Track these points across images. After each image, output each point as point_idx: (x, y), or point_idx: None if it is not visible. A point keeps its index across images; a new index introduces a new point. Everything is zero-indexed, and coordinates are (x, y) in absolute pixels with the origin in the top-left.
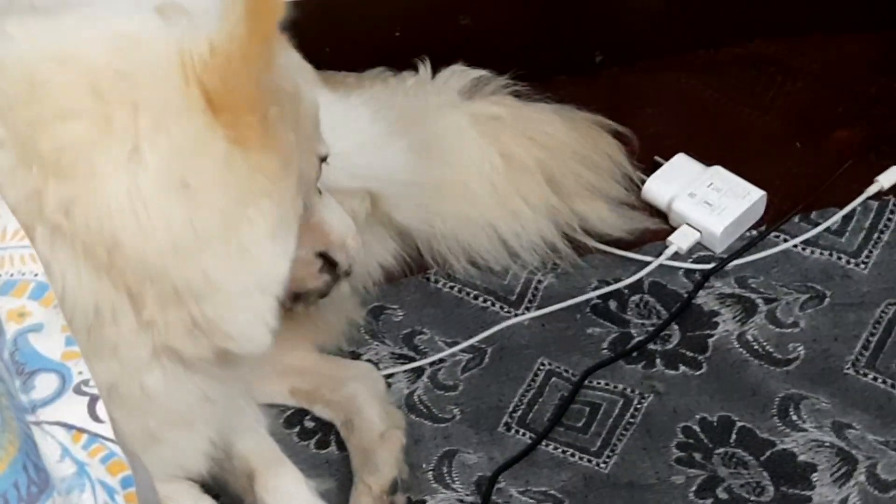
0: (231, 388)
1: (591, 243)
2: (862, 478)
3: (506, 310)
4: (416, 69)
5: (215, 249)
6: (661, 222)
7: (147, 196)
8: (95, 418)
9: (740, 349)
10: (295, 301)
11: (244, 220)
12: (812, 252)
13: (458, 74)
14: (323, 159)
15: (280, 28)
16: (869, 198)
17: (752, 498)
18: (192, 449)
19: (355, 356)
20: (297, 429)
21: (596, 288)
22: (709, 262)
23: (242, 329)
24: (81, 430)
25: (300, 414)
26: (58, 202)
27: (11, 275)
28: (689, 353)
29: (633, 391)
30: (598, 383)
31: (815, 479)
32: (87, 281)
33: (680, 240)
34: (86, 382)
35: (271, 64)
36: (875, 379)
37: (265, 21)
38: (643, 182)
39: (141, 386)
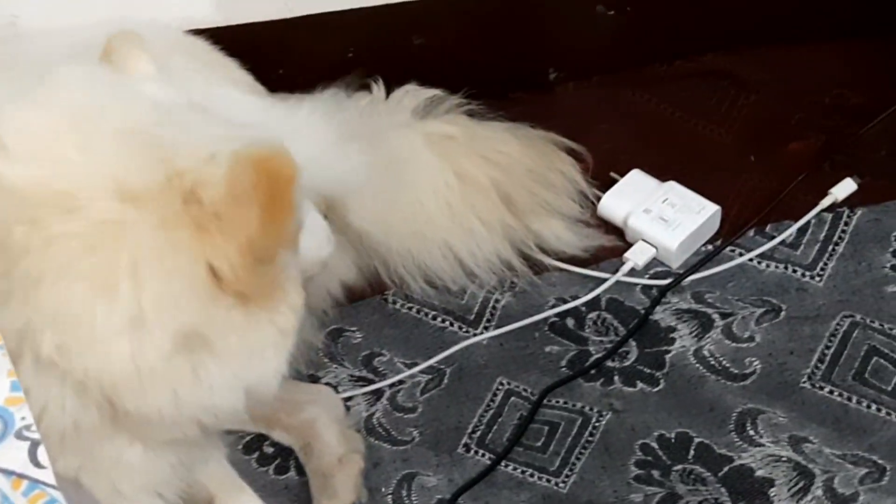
0: (202, 448)
1: (548, 261)
2: (819, 492)
3: (464, 329)
4: (369, 90)
5: (217, 394)
6: (617, 239)
7: (151, 362)
8: (36, 464)
9: (697, 365)
10: None
11: (251, 370)
12: (767, 266)
13: (412, 94)
14: None
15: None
16: (823, 210)
17: None
18: None
19: (314, 379)
20: (255, 454)
21: (553, 306)
22: (665, 278)
23: (230, 423)
24: (21, 476)
25: (259, 439)
26: (54, 346)
27: None
28: (647, 370)
29: (591, 409)
30: (557, 402)
31: (772, 494)
32: (72, 407)
33: (636, 256)
34: (28, 427)
35: (280, 253)
36: (831, 392)
37: (278, 224)
38: (598, 199)
39: (118, 460)
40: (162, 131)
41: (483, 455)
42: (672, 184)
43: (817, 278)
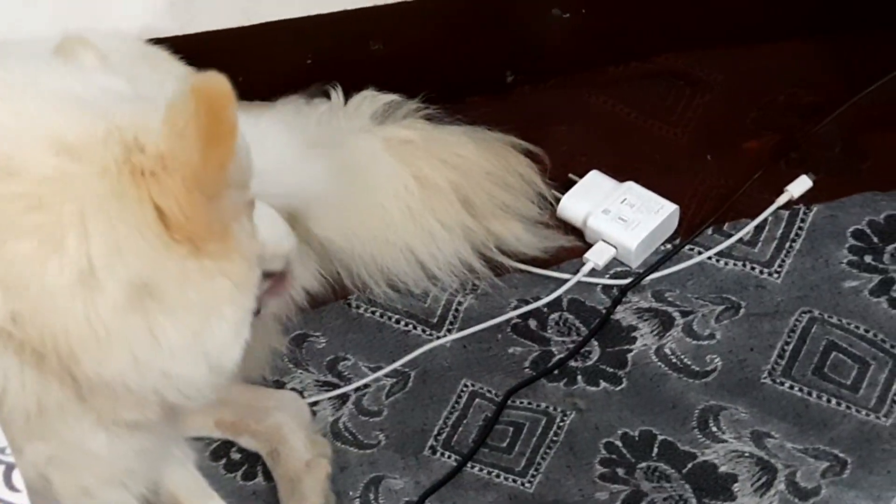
0: (167, 438)
1: (508, 263)
2: (782, 486)
3: (427, 332)
4: (328, 96)
5: (177, 355)
6: (577, 239)
7: (105, 318)
8: (11, 487)
9: (659, 363)
10: None
11: (208, 327)
12: (726, 263)
13: (370, 100)
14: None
15: (236, 146)
16: (780, 207)
17: None
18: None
19: (279, 385)
20: (223, 461)
21: (515, 307)
22: (625, 278)
23: (195, 400)
24: None
25: (226, 446)
26: (8, 314)
27: None
28: (609, 369)
29: (555, 409)
30: (521, 403)
31: (736, 490)
32: (33, 383)
33: (596, 256)
34: (2, 450)
35: (226, 183)
36: (791, 387)
37: (220, 150)
38: (558, 200)
39: (83, 450)
40: (101, 98)
41: (449, 457)
42: (630, 184)
43: (775, 275)
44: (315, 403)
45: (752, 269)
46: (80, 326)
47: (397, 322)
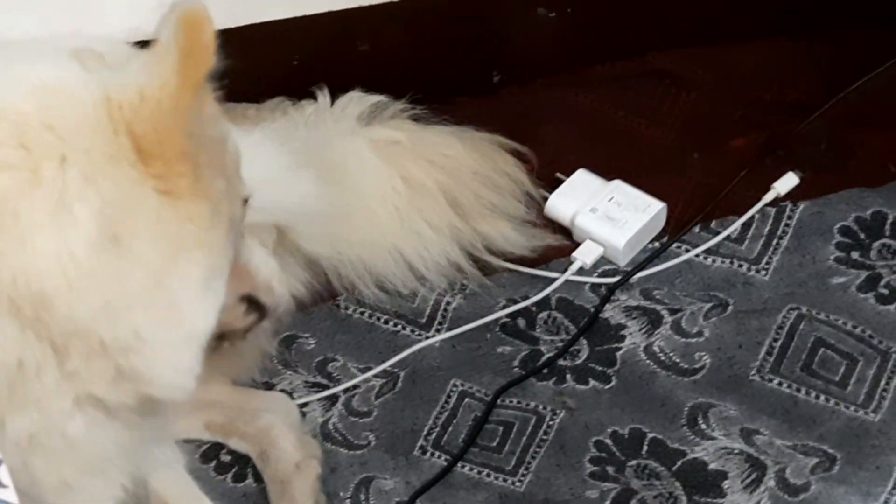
0: (148, 434)
1: (497, 262)
2: (772, 483)
3: (416, 333)
4: (315, 97)
5: (146, 305)
6: (565, 238)
7: (77, 253)
8: None
9: (648, 361)
10: (219, 340)
11: (175, 273)
12: (714, 261)
13: (357, 101)
14: (245, 201)
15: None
16: (766, 205)
17: None
18: (105, 496)
19: (269, 386)
20: (213, 463)
21: (504, 307)
22: (613, 276)
23: (168, 378)
24: None
25: (216, 448)
26: None
27: None
28: (599, 368)
29: (545, 408)
30: (511, 402)
31: (726, 487)
32: (12, 336)
33: (584, 255)
34: None
35: (201, 112)
36: (780, 384)
37: (196, 70)
38: (545, 199)
39: (62, 434)
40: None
41: (439, 456)
42: (617, 182)
43: (763, 272)
44: (305, 404)
45: (740, 266)
46: (51, 263)
47: (386, 322)
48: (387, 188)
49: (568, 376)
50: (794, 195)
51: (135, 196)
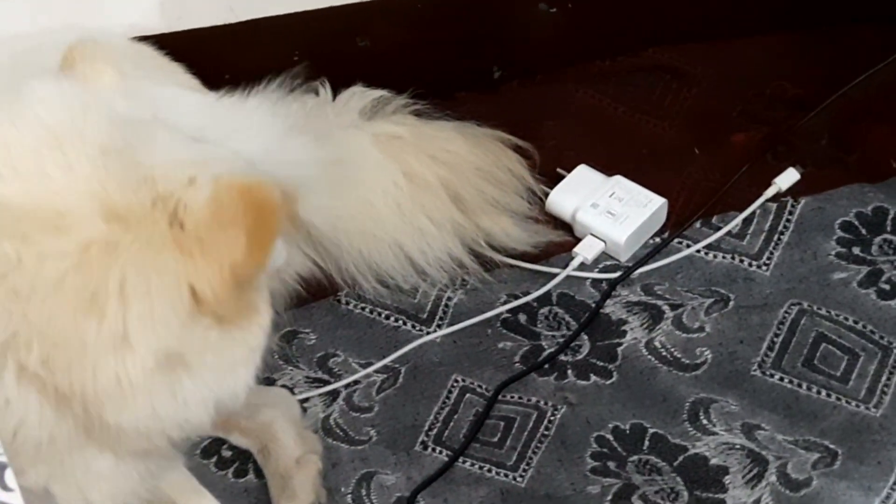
0: (172, 456)
1: (498, 258)
2: (773, 478)
3: (417, 328)
4: (316, 92)
5: (191, 409)
6: (566, 234)
7: (133, 378)
8: (4, 487)
9: (649, 356)
10: None
11: (224, 386)
12: (715, 256)
13: (358, 95)
14: None
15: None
16: (767, 200)
17: (667, 503)
18: None
19: (270, 382)
20: (214, 458)
21: (505, 302)
22: (614, 271)
23: (197, 433)
24: None
25: (217, 443)
26: (40, 360)
27: None
28: (600, 363)
29: (546, 403)
30: (512, 397)
31: (727, 482)
32: (50, 420)
33: (585, 250)
34: None
35: (261, 278)
36: (781, 379)
37: (264, 249)
38: (546, 195)
39: (88, 468)
40: (137, 150)
41: (440, 452)
42: (618, 178)
43: (764, 267)
44: (305, 400)
45: (741, 261)
46: (108, 381)
47: (387, 318)
48: (388, 183)
49: (569, 372)
50: (795, 190)
51: (189, 334)
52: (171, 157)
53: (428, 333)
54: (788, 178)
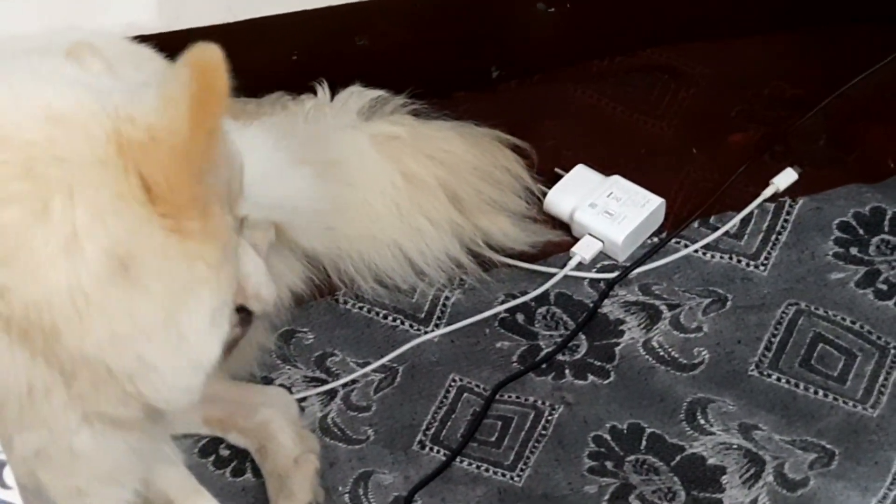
0: (155, 437)
1: (496, 257)
2: (770, 478)
3: (415, 328)
4: (314, 92)
5: (154, 337)
6: (564, 234)
7: (86, 287)
8: (2, 485)
9: (647, 356)
10: None
11: (184, 309)
12: (712, 256)
13: (357, 95)
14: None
15: (223, 116)
16: (765, 200)
17: (665, 503)
18: (118, 501)
19: (268, 381)
20: (212, 457)
21: (503, 302)
22: (612, 271)
23: (174, 400)
24: None
25: (215, 442)
26: None
27: None
28: (597, 363)
29: (543, 403)
30: (510, 397)
31: (724, 482)
32: (22, 363)
33: (583, 250)
34: None
35: (213, 155)
36: (779, 379)
37: (209, 118)
38: (544, 195)
39: (70, 448)
40: (99, 84)
41: (438, 451)
42: (616, 178)
43: (762, 267)
44: (303, 399)
45: (739, 261)
46: (62, 297)
47: (385, 317)
48: (386, 183)
49: (567, 371)
50: (792, 191)
51: (144, 234)
52: (132, 89)
53: (426, 333)
54: (786, 178)
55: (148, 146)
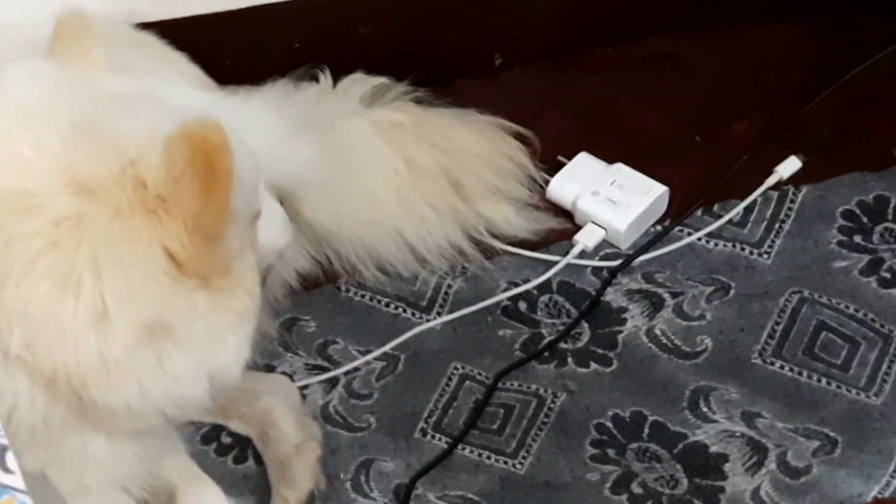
0: (165, 437)
1: (498, 245)
2: (773, 465)
3: (417, 316)
4: (316, 80)
5: (181, 382)
6: (567, 222)
7: (117, 355)
8: (5, 469)
9: (649, 344)
10: None
11: (212, 356)
12: (716, 244)
13: (359, 82)
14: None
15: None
16: (769, 188)
17: (667, 491)
18: (124, 501)
19: (269, 369)
20: (214, 445)
21: (505, 290)
22: (615, 259)
23: (194, 414)
24: None
25: (216, 430)
26: (23, 342)
27: None
28: (600, 351)
29: (546, 391)
30: (512, 385)
31: (727, 469)
32: (41, 403)
33: (586, 238)
34: None
35: (226, 226)
36: (782, 367)
37: (218, 195)
38: (547, 182)
39: (83, 453)
40: (115, 122)
41: (440, 439)
42: (619, 166)
43: (765, 256)
44: (305, 387)
45: (742, 249)
46: (91, 361)
47: (387, 305)
48: (389, 170)
49: (569, 359)
50: (796, 179)
51: (171, 299)
52: (145, 122)
53: (428, 321)
54: (790, 166)
55: (162, 217)
